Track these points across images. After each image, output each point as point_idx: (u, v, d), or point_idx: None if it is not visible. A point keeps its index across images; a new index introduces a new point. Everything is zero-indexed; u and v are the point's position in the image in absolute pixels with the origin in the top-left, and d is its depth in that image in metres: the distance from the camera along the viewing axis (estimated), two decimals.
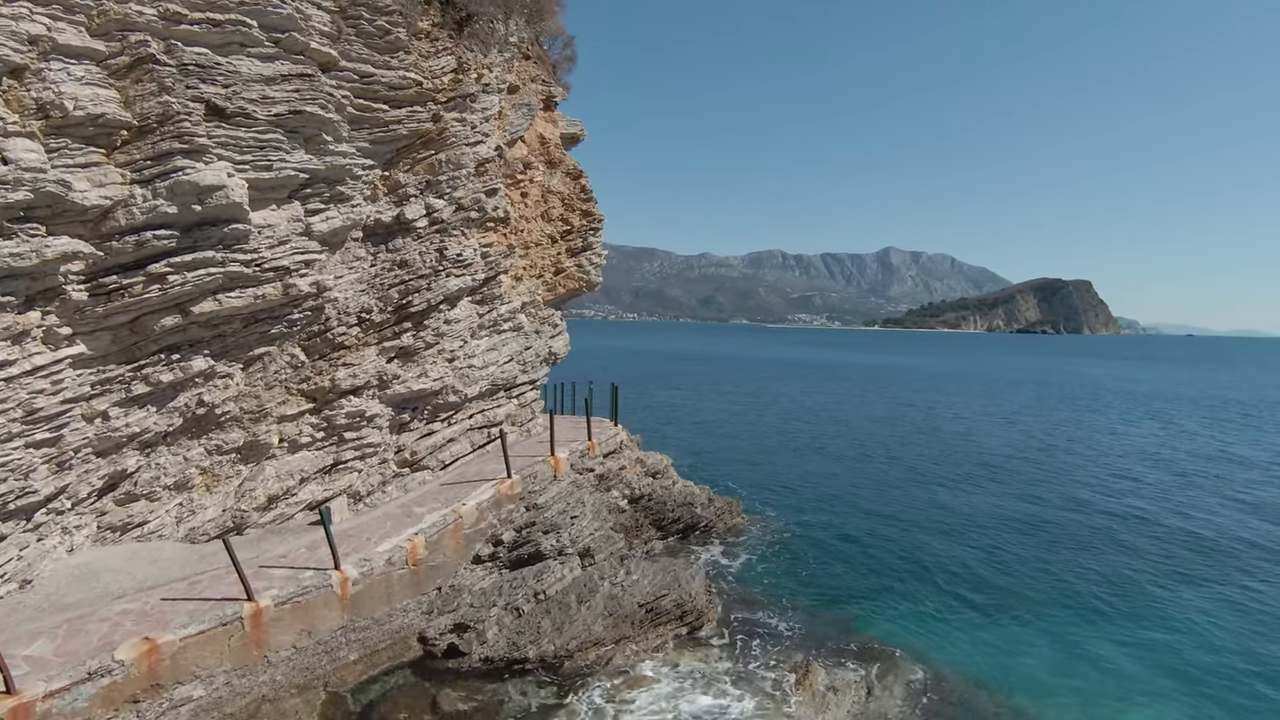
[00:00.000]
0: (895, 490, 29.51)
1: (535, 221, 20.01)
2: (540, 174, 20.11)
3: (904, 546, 22.08)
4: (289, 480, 14.98)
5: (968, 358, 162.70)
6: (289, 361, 14.91)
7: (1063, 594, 18.47)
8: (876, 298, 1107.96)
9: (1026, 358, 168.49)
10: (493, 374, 18.83)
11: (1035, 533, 23.60)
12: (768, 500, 26.98)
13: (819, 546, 21.75)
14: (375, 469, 16.47)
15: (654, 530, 20.85)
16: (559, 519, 15.94)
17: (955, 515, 25.69)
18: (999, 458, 37.12)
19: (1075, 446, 41.15)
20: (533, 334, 20.28)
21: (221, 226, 12.44)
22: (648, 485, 20.71)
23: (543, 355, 20.74)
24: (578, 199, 20.98)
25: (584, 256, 21.24)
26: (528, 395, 20.61)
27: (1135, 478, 32.76)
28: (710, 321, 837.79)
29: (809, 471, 32.90)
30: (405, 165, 16.23)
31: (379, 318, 15.82)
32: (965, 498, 28.42)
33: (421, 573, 14.15)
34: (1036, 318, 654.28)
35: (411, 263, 16.15)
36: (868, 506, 26.91)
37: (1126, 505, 27.49)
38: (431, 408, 17.54)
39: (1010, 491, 29.39)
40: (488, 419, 19.08)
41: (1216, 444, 43.32)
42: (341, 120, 14.22)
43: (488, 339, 18.81)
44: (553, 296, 20.88)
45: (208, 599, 11.36)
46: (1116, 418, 55.49)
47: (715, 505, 22.34)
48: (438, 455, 17.63)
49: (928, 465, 34.76)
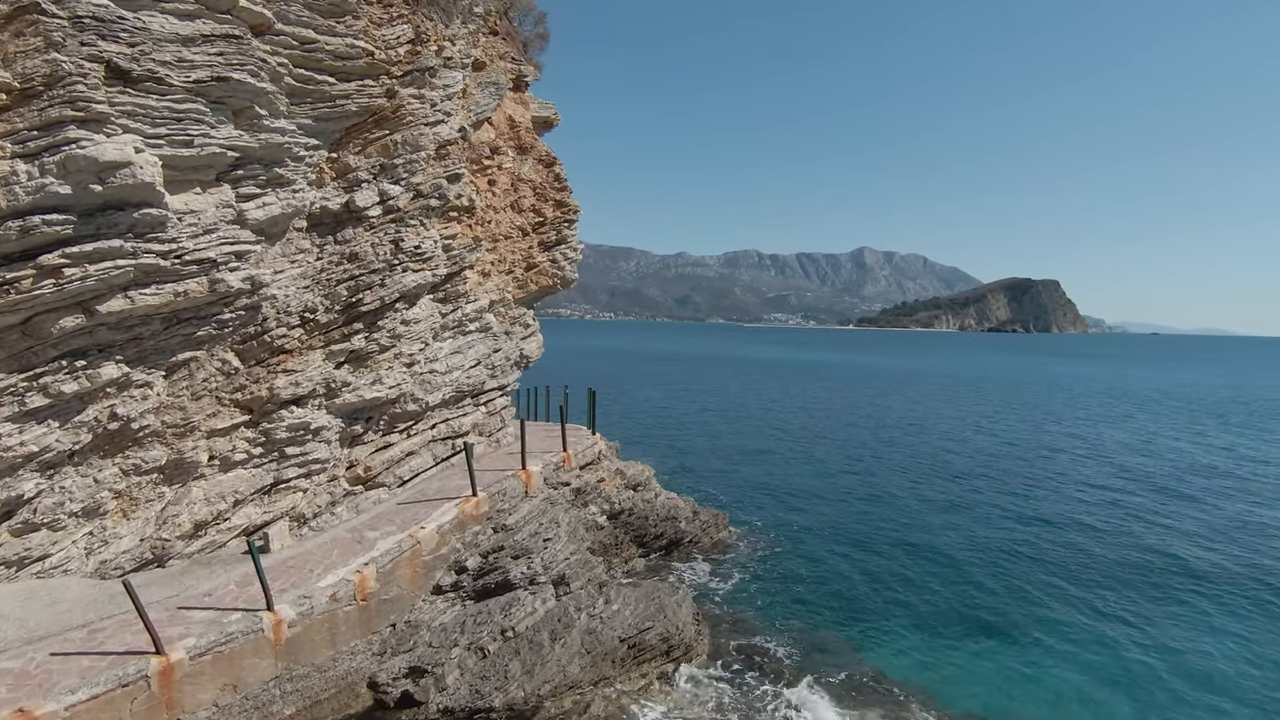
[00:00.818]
0: (883, 495, 28.30)
1: (504, 212, 18.30)
2: (510, 160, 18.41)
3: (896, 557, 20.80)
4: (220, 503, 13.13)
5: (943, 357, 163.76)
6: (220, 368, 13.07)
7: (1069, 615, 17.28)
8: (851, 297, 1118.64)
9: (1000, 356, 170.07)
10: (457, 379, 17.11)
11: (1032, 540, 22.47)
12: (754, 510, 25.57)
13: (810, 560, 20.37)
14: (323, 488, 14.66)
15: (635, 548, 19.29)
16: (530, 542, 14.29)
17: (943, 520, 24.49)
18: (983, 459, 36.18)
19: (1056, 446, 40.42)
20: (502, 335, 18.58)
21: (130, 211, 10.60)
22: (628, 499, 19.14)
23: (513, 358, 19.05)
24: (551, 188, 19.31)
25: (558, 251, 19.56)
26: (497, 402, 18.91)
27: (1120, 480, 31.97)
28: (687, 321, 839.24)
29: (794, 476, 31.58)
30: (356, 146, 14.46)
31: (325, 318, 14.02)
32: (952, 501, 27.27)
33: (372, 608, 12.42)
34: (1007, 317, 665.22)
35: (363, 256, 14.38)
36: (856, 513, 25.62)
37: (1110, 507, 26.56)
38: (388, 418, 15.77)
39: (998, 493, 28.32)
40: (452, 429, 17.35)
41: (1208, 448, 42.97)
42: (278, 92, 12.43)
43: (452, 341, 17.08)
44: (524, 294, 19.18)
45: (108, 653, 9.54)
46: (1094, 416, 55.20)
47: (700, 519, 20.85)
48: (395, 471, 15.87)
49: (913, 468, 33.65)
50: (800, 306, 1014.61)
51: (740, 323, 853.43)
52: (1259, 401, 70.90)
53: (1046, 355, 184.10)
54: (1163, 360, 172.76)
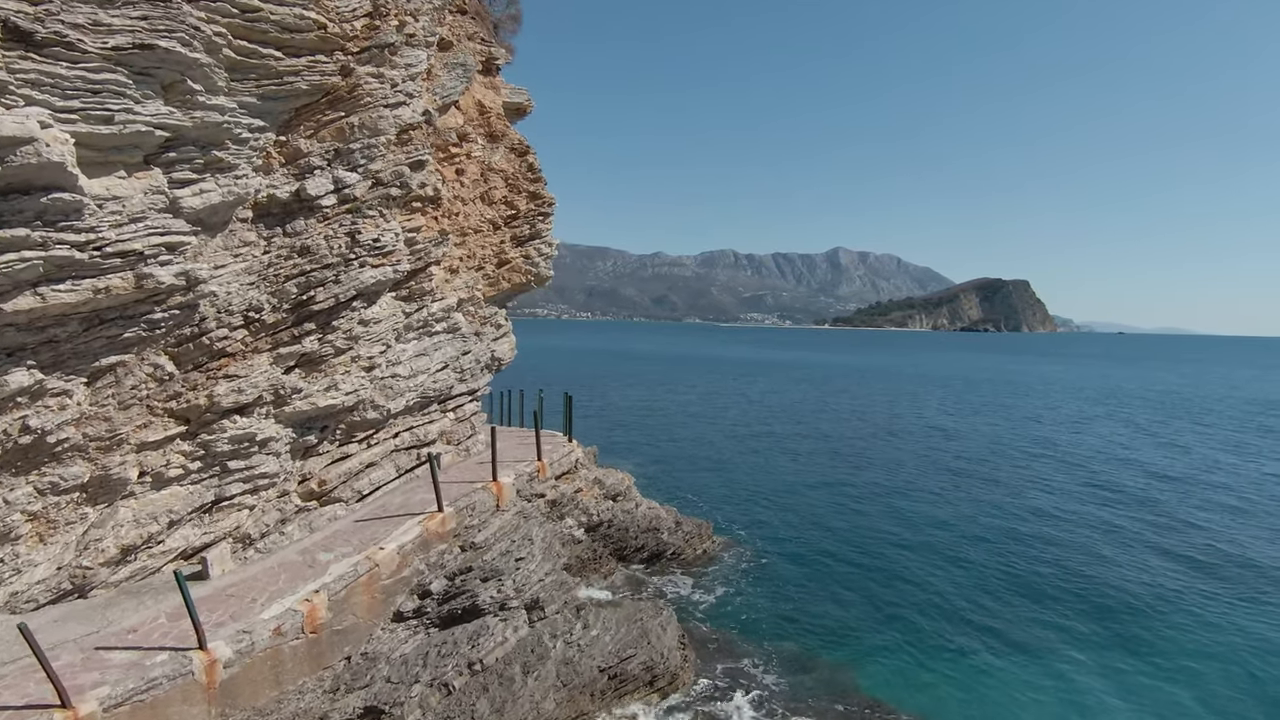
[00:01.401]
0: (866, 498, 27.52)
1: (474, 204, 17.06)
2: (479, 148, 17.17)
3: (883, 566, 19.98)
4: (152, 525, 11.76)
5: (920, 357, 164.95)
6: (151, 374, 11.69)
7: (1065, 625, 16.54)
8: (826, 297, 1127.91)
9: (976, 356, 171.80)
10: (422, 384, 15.85)
11: (1018, 544, 21.79)
12: (738, 517, 24.60)
13: (796, 572, 19.43)
14: (272, 504, 13.33)
15: (615, 561, 18.19)
16: (501, 562, 13.11)
17: (929, 524, 23.75)
18: (966, 460, 35.66)
19: (1040, 446, 40.13)
20: (471, 336, 17.35)
21: (37, 195, 9.22)
22: (607, 510, 18.02)
23: (484, 361, 17.83)
24: (524, 179, 18.11)
25: (531, 246, 18.36)
26: (466, 408, 17.66)
27: (1109, 482, 31.61)
28: (664, 320, 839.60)
29: (778, 481, 30.70)
30: (308, 129, 13.15)
31: (272, 318, 12.70)
32: (937, 504, 26.58)
33: (323, 641, 11.16)
34: (979, 316, 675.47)
35: (315, 250, 13.07)
36: (841, 518, 24.78)
37: (1107, 511, 26.07)
38: (345, 426, 14.47)
39: (985, 494, 27.69)
40: (417, 438, 16.08)
41: (1199, 451, 43.02)
42: (216, 65, 11.10)
43: (416, 342, 15.82)
44: (495, 292, 17.96)
45: (3, 707, 8.19)
46: (1074, 415, 55.30)
47: (683, 530, 19.80)
48: (353, 484, 14.58)
49: (894, 470, 32.99)
50: (776, 306, 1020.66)
51: (717, 322, 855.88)
52: (1253, 403, 71.95)
53: (1022, 355, 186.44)
54: (1139, 360, 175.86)
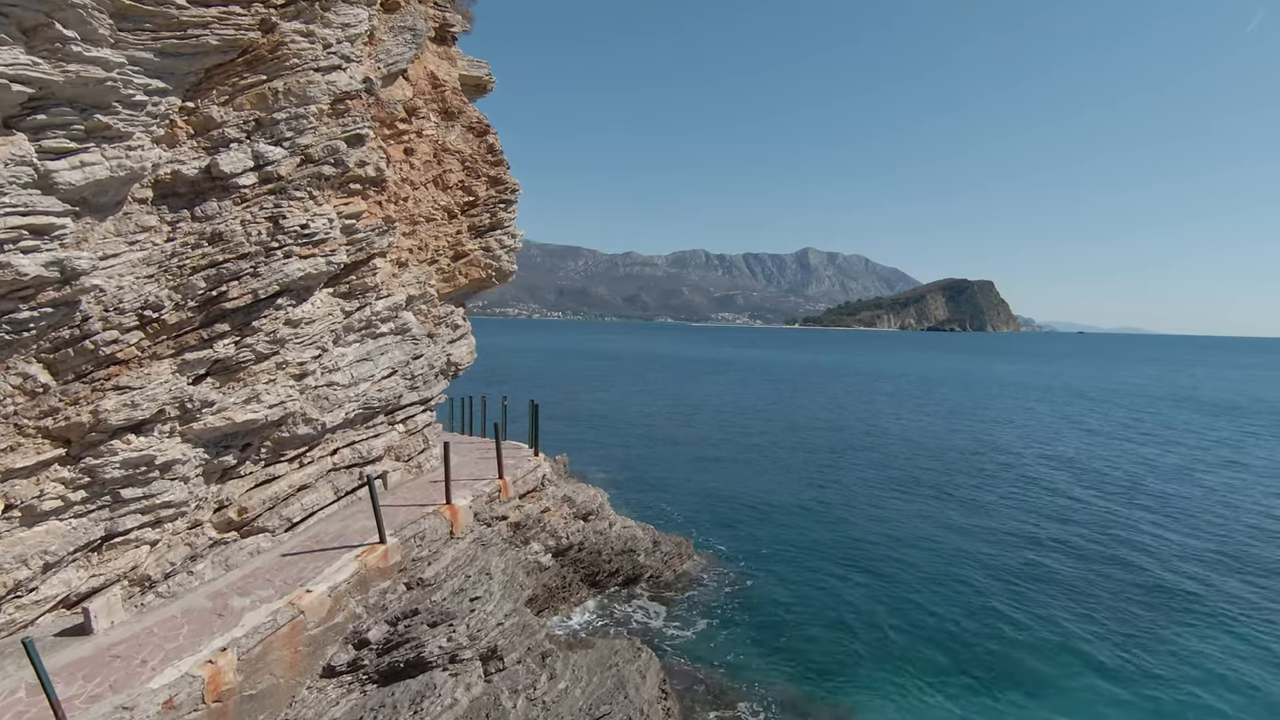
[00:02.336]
0: (848, 504, 26.12)
1: (426, 189, 15.10)
2: (432, 126, 15.21)
3: (873, 582, 18.56)
4: (21, 569, 9.64)
5: (892, 357, 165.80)
6: (20, 385, 9.58)
7: (1068, 650, 15.20)
8: (796, 297, 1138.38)
9: (946, 355, 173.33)
10: (365, 393, 13.86)
11: (1013, 550, 20.52)
12: (717, 530, 22.97)
13: (786, 593, 17.86)
14: (180, 538, 11.26)
15: (587, 588, 16.40)
16: (453, 603, 11.23)
17: (918, 533, 22.41)
18: (949, 462, 34.57)
19: (1017, 449, 39.33)
20: (424, 338, 15.39)
21: None
22: (578, 532, 16.19)
23: (438, 366, 15.87)
24: (484, 161, 16.19)
25: (492, 237, 16.44)
26: (418, 419, 15.69)
27: (1114, 493, 30.72)
28: (635, 320, 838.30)
29: (756, 487, 29.16)
30: (221, 95, 11.11)
31: (175, 317, 10.63)
32: (918, 510, 25.29)
33: (231, 711, 9.18)
34: (945, 316, 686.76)
35: (230, 237, 11.03)
36: (824, 528, 23.31)
37: (1101, 505, 25.05)
38: (272, 444, 12.44)
39: (974, 500, 26.50)
40: (359, 454, 14.09)
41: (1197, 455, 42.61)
42: (96, 7, 9.05)
43: (358, 345, 13.83)
44: (452, 289, 16.01)
45: None
46: (1051, 418, 54.95)
47: (661, 550, 18.08)
48: (281, 511, 12.54)
49: (876, 474, 31.72)
50: (747, 306, 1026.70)
51: (688, 322, 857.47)
52: (1257, 405, 72.66)
53: (993, 355, 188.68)
54: (1099, 357, 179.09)
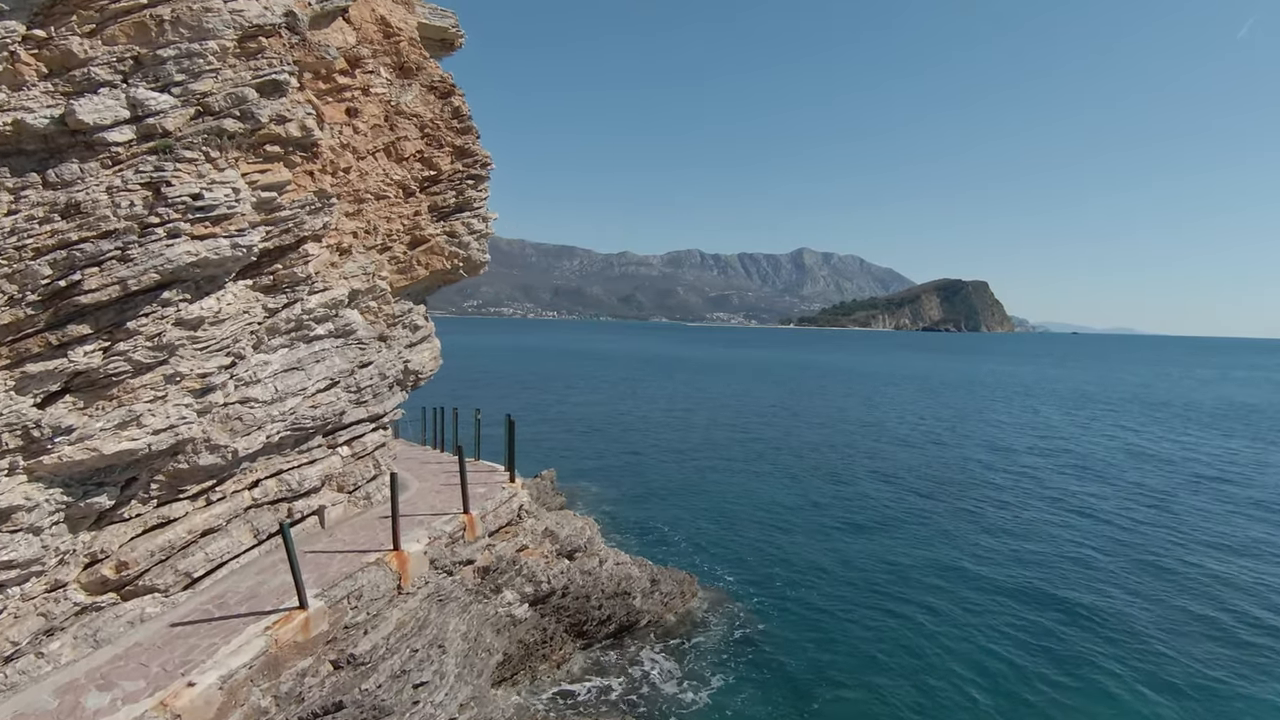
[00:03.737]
0: (870, 524, 23.46)
1: (375, 159, 12.35)
2: (383, 83, 12.46)
3: (909, 619, 15.95)
4: None
5: (888, 357, 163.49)
6: None
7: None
8: (791, 297, 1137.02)
9: (945, 357, 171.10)
10: (295, 410, 11.11)
11: (1055, 579, 17.89)
12: (723, 558, 20.28)
13: (810, 639, 15.20)
14: (31, 607, 8.50)
15: (573, 641, 13.69)
16: (390, 693, 8.51)
17: (945, 557, 19.76)
18: (965, 472, 31.95)
19: (1042, 456, 36.74)
20: (374, 342, 12.64)
21: None
22: (561, 574, 13.47)
23: (392, 375, 13.12)
24: (448, 128, 13.45)
25: (459, 220, 13.70)
26: (367, 439, 12.93)
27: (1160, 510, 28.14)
28: (630, 320, 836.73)
29: (763, 503, 26.48)
30: (85, 22, 8.38)
31: (9, 315, 7.88)
32: (947, 530, 22.64)
33: None
34: (940, 316, 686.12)
35: (90, 209, 8.28)
36: (845, 553, 20.64)
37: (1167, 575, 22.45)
38: (166, 478, 9.69)
39: (991, 514, 23.87)
40: (288, 486, 11.32)
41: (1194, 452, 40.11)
42: None
43: (287, 351, 11.08)
44: (408, 282, 13.26)
45: None
46: (1077, 428, 52.45)
47: (661, 589, 15.38)
48: (178, 564, 9.78)
49: (895, 487, 29.07)
50: (742, 306, 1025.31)
51: (684, 322, 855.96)
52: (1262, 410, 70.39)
53: (991, 357, 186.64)
54: (1102, 359, 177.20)
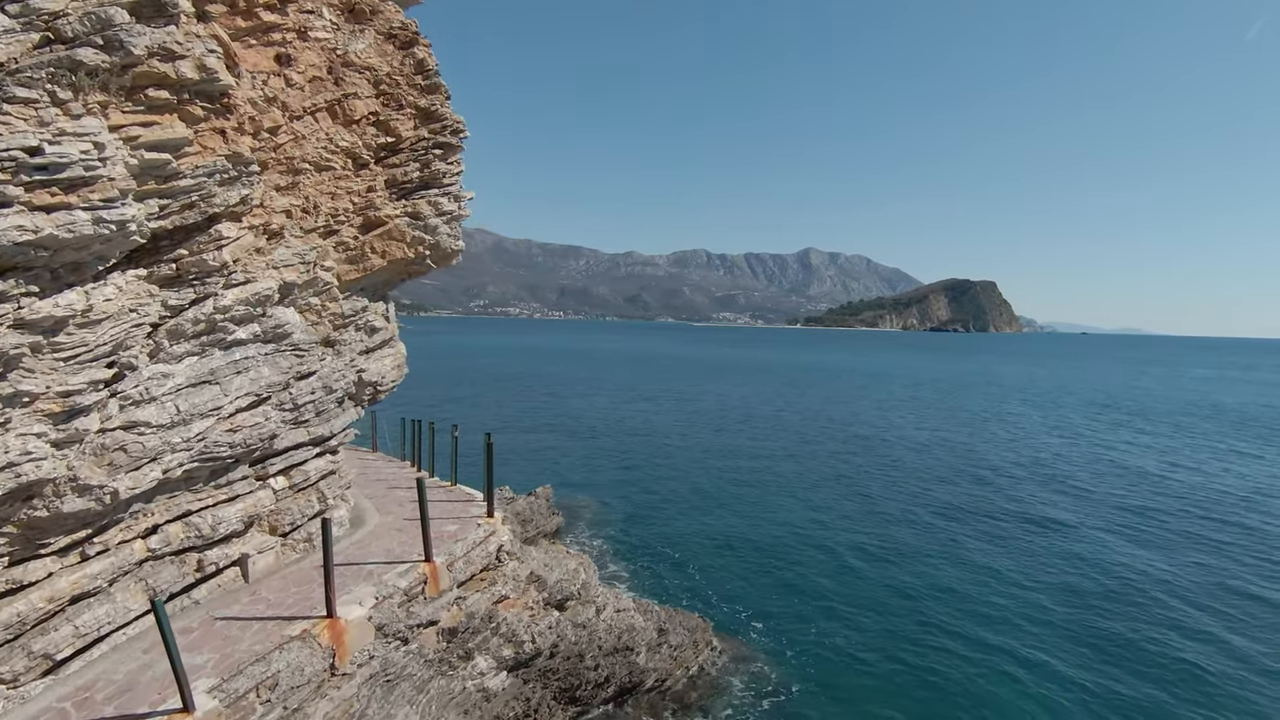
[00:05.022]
0: (907, 550, 20.94)
1: (314, 120, 9.96)
2: (326, 27, 10.07)
3: (980, 677, 13.38)
4: None
5: (898, 358, 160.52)
6: None
7: None
8: (798, 297, 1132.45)
9: (962, 358, 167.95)
10: (206, 436, 8.70)
11: (1138, 614, 15.37)
12: (743, 598, 17.80)
13: (849, 708, 12.71)
14: None
15: (563, 708, 11.25)
16: None
17: (1000, 591, 17.25)
18: (1014, 488, 29.35)
19: (1083, 468, 34.07)
20: (315, 348, 10.22)
21: None
22: (549, 630, 11.04)
23: (341, 387, 10.71)
24: (409, 86, 11.04)
25: (424, 198, 11.29)
26: (309, 468, 10.52)
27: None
28: (636, 319, 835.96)
29: (784, 525, 23.99)
30: None
31: None
32: (994, 562, 20.11)
33: None
34: (947, 316, 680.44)
35: None
36: (882, 586, 18.16)
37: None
38: (19, 530, 7.31)
39: (1059, 536, 21.33)
40: (197, 532, 8.91)
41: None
42: None
43: (195, 361, 8.68)
44: (361, 274, 10.86)
45: None
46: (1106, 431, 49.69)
47: (669, 641, 12.91)
48: (32, 644, 7.40)
49: (929, 502, 26.53)
50: (749, 306, 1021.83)
51: (690, 322, 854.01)
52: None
53: (1003, 357, 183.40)
54: (1120, 361, 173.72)
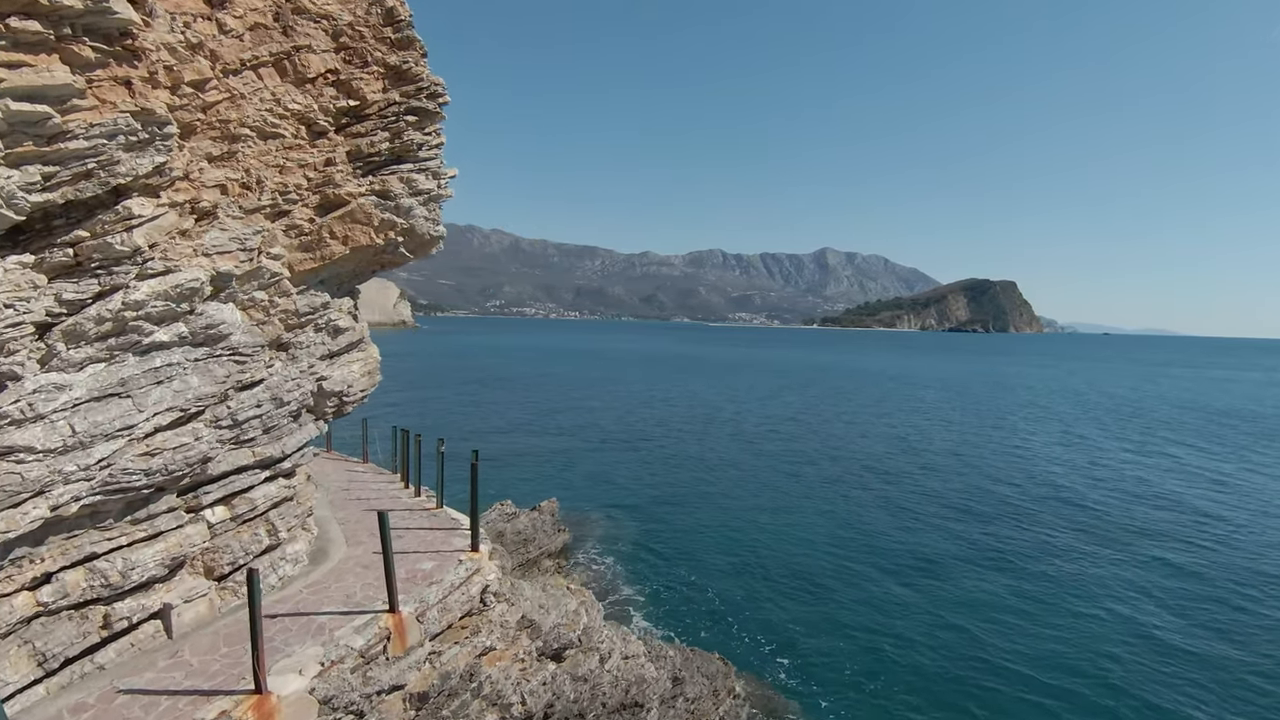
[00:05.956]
0: (951, 573, 18.99)
1: (256, 76, 8.27)
2: None
3: None
4: None
5: (923, 360, 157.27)
6: None
7: None
8: (814, 297, 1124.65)
9: (983, 359, 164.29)
10: (114, 461, 7.02)
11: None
12: (766, 633, 15.98)
13: None
14: None
15: None
16: None
17: (1073, 635, 15.27)
18: (1051, 495, 27.17)
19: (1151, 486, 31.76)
20: (262, 352, 8.53)
21: None
22: (543, 688, 9.27)
23: (296, 399, 9.01)
24: (376, 39, 9.35)
25: (395, 175, 9.57)
26: (257, 494, 8.82)
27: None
28: (652, 319, 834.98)
29: (809, 536, 22.10)
30: None
31: None
32: (1055, 598, 18.09)
33: None
34: (967, 317, 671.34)
35: None
36: (929, 618, 16.23)
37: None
38: None
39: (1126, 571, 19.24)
40: (104, 580, 7.24)
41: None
42: None
43: (99, 369, 7.01)
44: (319, 264, 9.16)
45: None
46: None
47: (685, 694, 11.10)
48: None
49: (962, 509, 24.47)
50: (765, 306, 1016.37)
51: (705, 322, 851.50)
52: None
53: (1042, 359, 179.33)
54: (1162, 363, 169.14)
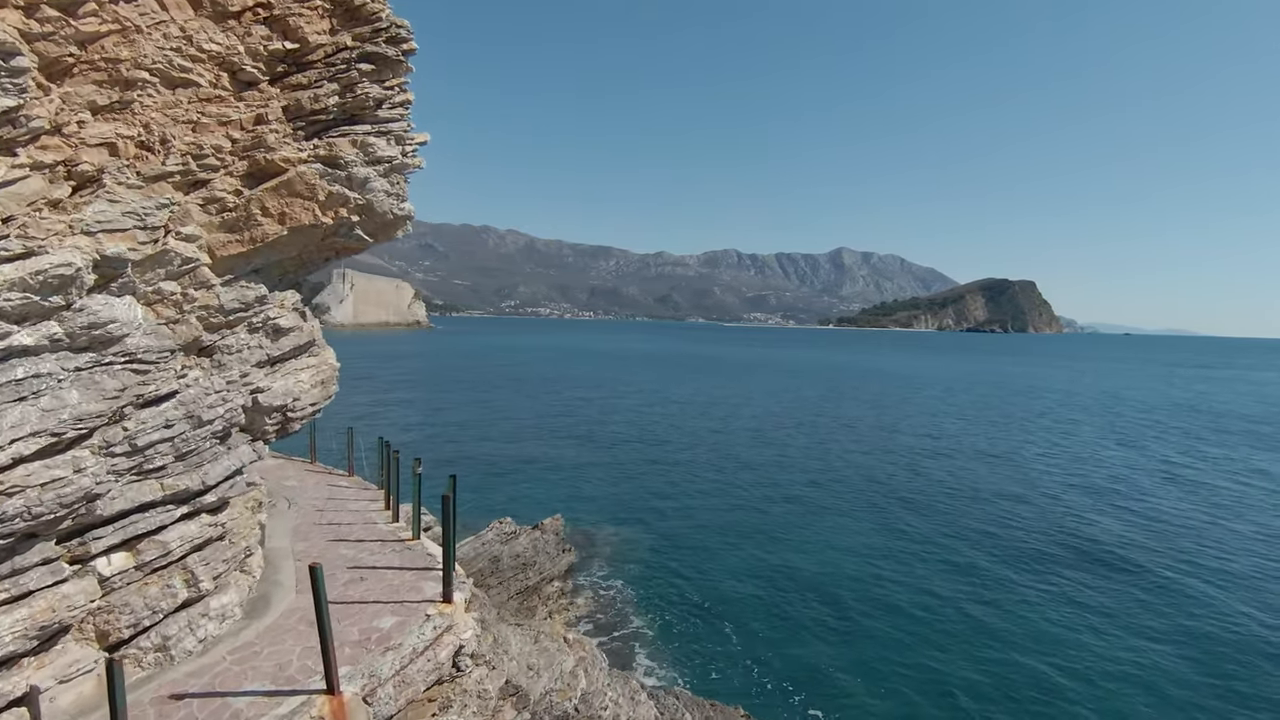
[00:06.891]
0: (995, 599, 16.99)
1: (162, 6, 6.54)
2: None
3: None
4: None
5: (946, 361, 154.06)
6: None
7: None
8: (830, 297, 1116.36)
9: (1001, 359, 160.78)
10: None
11: None
12: (795, 666, 14.07)
13: None
14: None
15: None
16: None
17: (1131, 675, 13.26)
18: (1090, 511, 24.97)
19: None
20: (170, 358, 6.79)
21: None
22: None
23: (221, 416, 7.27)
24: None
25: (344, 138, 7.78)
26: (170, 537, 7.08)
27: None
28: (666, 320, 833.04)
29: (837, 558, 20.17)
30: None
31: None
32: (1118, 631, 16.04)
33: None
34: (985, 317, 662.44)
35: None
36: (969, 652, 14.27)
37: None
38: None
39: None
40: None
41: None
42: None
43: None
44: (248, 248, 7.40)
45: None
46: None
47: None
48: None
49: (1025, 531, 22.40)
50: (780, 306, 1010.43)
51: (720, 322, 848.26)
52: None
53: (1066, 361, 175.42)
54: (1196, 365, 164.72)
